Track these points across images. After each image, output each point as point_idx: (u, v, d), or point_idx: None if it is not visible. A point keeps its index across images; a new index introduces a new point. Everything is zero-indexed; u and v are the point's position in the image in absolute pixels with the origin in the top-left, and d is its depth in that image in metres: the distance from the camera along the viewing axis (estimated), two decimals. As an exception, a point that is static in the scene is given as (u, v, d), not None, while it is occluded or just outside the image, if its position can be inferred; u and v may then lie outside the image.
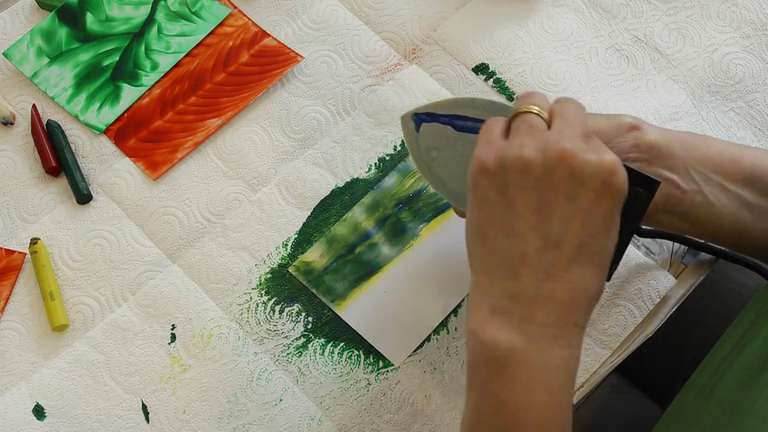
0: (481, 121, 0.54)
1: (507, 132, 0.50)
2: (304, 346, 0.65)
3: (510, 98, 0.75)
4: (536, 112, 0.49)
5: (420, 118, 0.58)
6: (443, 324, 0.66)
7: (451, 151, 0.57)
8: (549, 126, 0.49)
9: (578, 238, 0.47)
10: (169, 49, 0.77)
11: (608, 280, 0.54)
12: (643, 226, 0.67)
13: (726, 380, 0.48)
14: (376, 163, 0.72)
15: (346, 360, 0.65)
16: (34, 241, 0.68)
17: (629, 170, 0.52)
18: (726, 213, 0.56)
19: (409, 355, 0.65)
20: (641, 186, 0.52)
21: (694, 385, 0.52)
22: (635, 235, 0.68)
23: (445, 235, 0.69)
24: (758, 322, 0.50)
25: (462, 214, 0.59)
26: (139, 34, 0.77)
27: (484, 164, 0.48)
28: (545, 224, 0.47)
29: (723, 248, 0.66)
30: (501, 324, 0.47)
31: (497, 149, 0.48)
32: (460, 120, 0.54)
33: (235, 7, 0.79)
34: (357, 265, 0.68)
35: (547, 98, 0.51)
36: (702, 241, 0.67)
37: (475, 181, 0.49)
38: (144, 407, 0.64)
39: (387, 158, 0.72)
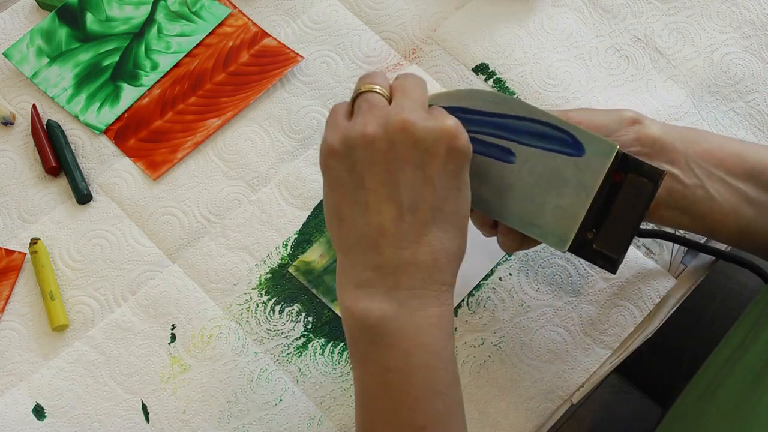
0: (483, 113, 0.54)
1: (351, 113, 0.51)
2: (304, 346, 0.65)
3: (510, 98, 0.75)
4: (377, 90, 0.51)
5: None
6: (443, 324, 0.66)
7: None
8: (390, 101, 0.51)
9: (430, 202, 0.49)
10: (169, 49, 0.77)
11: (614, 272, 0.54)
12: (642, 226, 0.67)
13: (728, 383, 0.48)
14: (376, 163, 0.72)
15: (346, 360, 0.65)
16: (34, 241, 0.68)
17: (634, 160, 0.52)
18: (728, 208, 0.56)
19: (409, 355, 0.65)
20: (646, 177, 0.52)
21: (696, 387, 0.52)
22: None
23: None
24: (759, 324, 0.50)
25: None
26: (139, 34, 0.77)
27: (331, 146, 0.50)
28: (396, 194, 0.48)
29: (722, 249, 0.66)
30: (369, 295, 0.49)
31: (342, 130, 0.50)
32: (461, 112, 0.54)
33: (235, 7, 0.79)
34: (357, 265, 0.68)
35: (387, 77, 0.53)
36: (703, 238, 0.67)
37: (325, 164, 0.50)
38: (144, 407, 0.64)
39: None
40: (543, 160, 0.53)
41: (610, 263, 0.54)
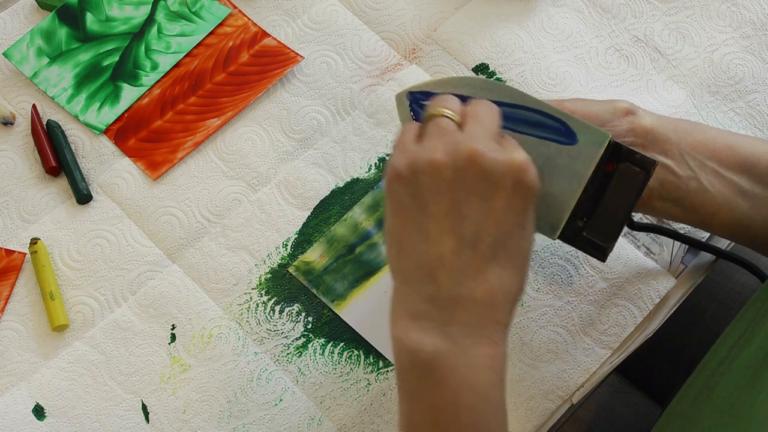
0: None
1: (420, 137, 0.50)
2: (304, 346, 0.65)
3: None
4: (448, 115, 0.49)
5: (415, 96, 0.57)
6: (443, 324, 0.66)
7: None
8: (461, 128, 0.49)
9: (493, 237, 0.47)
10: (169, 49, 0.77)
11: (603, 260, 0.54)
12: (636, 220, 0.67)
13: (725, 381, 0.48)
14: (376, 163, 0.72)
15: (346, 360, 0.65)
16: (34, 241, 0.68)
17: (627, 150, 0.52)
18: (721, 200, 0.56)
19: (409, 355, 0.65)
20: (638, 166, 0.52)
21: (693, 385, 0.52)
22: (631, 232, 0.69)
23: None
24: (756, 322, 0.50)
25: None
26: (139, 34, 0.77)
27: (397, 170, 0.48)
28: (459, 226, 0.47)
29: (721, 248, 0.66)
30: (423, 328, 0.47)
31: (409, 154, 0.48)
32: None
33: (235, 7, 0.79)
34: (357, 265, 0.68)
35: (459, 101, 0.51)
36: (704, 236, 0.67)
37: (390, 188, 0.49)
38: (144, 407, 0.64)
39: (387, 158, 0.72)
40: (535, 148, 0.53)
41: (600, 251, 0.54)
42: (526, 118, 0.53)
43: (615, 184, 0.53)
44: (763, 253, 0.60)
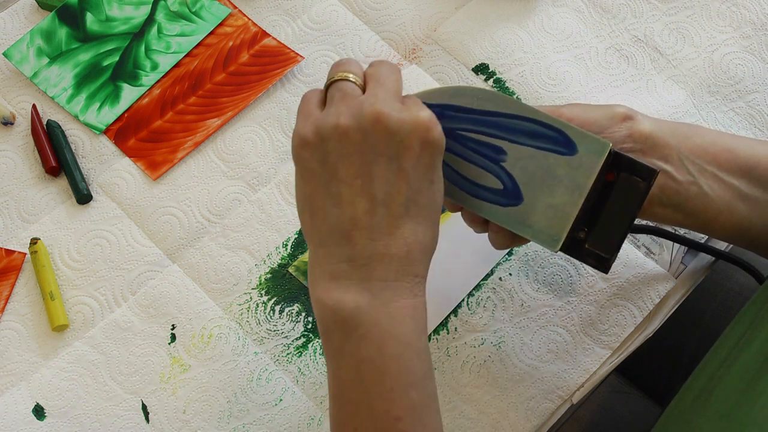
0: (475, 111, 0.53)
1: (324, 102, 0.51)
2: (304, 346, 0.65)
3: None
4: (351, 79, 0.50)
5: None
6: (443, 324, 0.66)
7: None
8: (364, 91, 0.50)
9: (404, 195, 0.48)
10: (169, 49, 0.77)
11: (606, 272, 0.54)
12: (639, 222, 0.67)
13: (723, 385, 0.48)
14: (376, 163, 0.72)
15: (346, 360, 0.65)
16: (34, 241, 0.68)
17: (627, 159, 0.52)
18: (721, 204, 0.56)
19: (409, 355, 0.65)
20: (639, 176, 0.52)
21: (691, 388, 0.52)
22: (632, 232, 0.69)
23: (445, 236, 0.68)
24: (755, 325, 0.50)
25: (452, 207, 0.59)
26: (139, 34, 0.77)
27: (304, 137, 0.49)
28: (370, 186, 0.48)
29: (720, 249, 0.66)
30: (343, 287, 0.49)
31: (314, 120, 0.49)
32: (452, 110, 0.54)
33: (235, 7, 0.79)
34: (357, 265, 0.68)
35: (361, 64, 0.52)
36: (703, 238, 0.67)
37: (297, 155, 0.50)
38: (144, 407, 0.64)
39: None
40: (535, 159, 0.52)
41: (603, 263, 0.53)
42: (525, 128, 0.52)
43: (616, 194, 0.52)
44: (764, 255, 0.60)
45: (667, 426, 0.52)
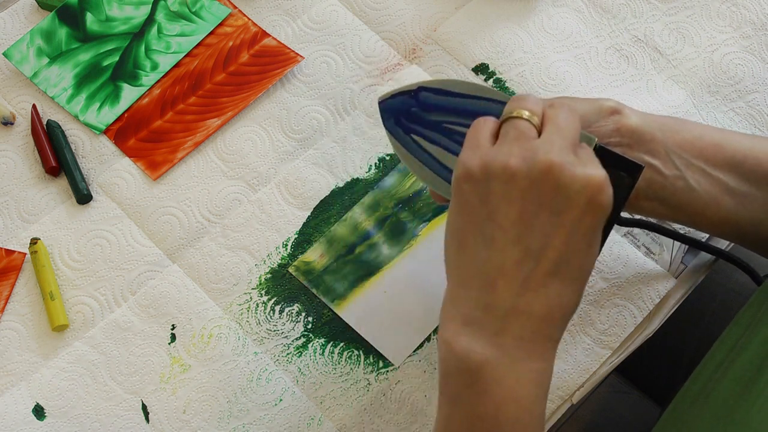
0: (465, 96, 0.53)
1: (496, 136, 0.49)
2: (304, 346, 0.65)
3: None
4: (526, 117, 0.48)
5: (396, 100, 0.57)
6: (443, 324, 0.66)
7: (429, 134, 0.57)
8: (540, 133, 0.48)
9: (558, 253, 0.46)
10: (169, 49, 0.77)
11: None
12: (623, 215, 0.67)
13: (720, 388, 0.48)
14: (376, 163, 0.72)
15: (346, 360, 0.65)
16: (34, 241, 0.68)
17: (612, 154, 0.52)
18: (708, 198, 0.56)
19: (409, 355, 0.65)
20: (624, 171, 0.52)
21: (689, 390, 0.52)
22: (632, 232, 0.69)
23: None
24: (752, 328, 0.50)
25: (438, 198, 0.59)
26: (139, 34, 0.77)
27: (469, 170, 0.47)
28: (526, 237, 0.46)
29: (721, 248, 0.66)
30: (474, 335, 0.47)
31: (483, 155, 0.47)
32: (444, 95, 0.53)
33: (235, 7, 0.79)
34: (357, 265, 0.68)
35: (541, 102, 0.50)
36: (704, 236, 0.67)
37: (458, 186, 0.48)
38: (144, 407, 0.64)
39: (387, 158, 0.72)
40: None
41: None
42: None
43: None
44: (751, 248, 0.60)
45: (664, 429, 0.52)
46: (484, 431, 0.46)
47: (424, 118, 0.55)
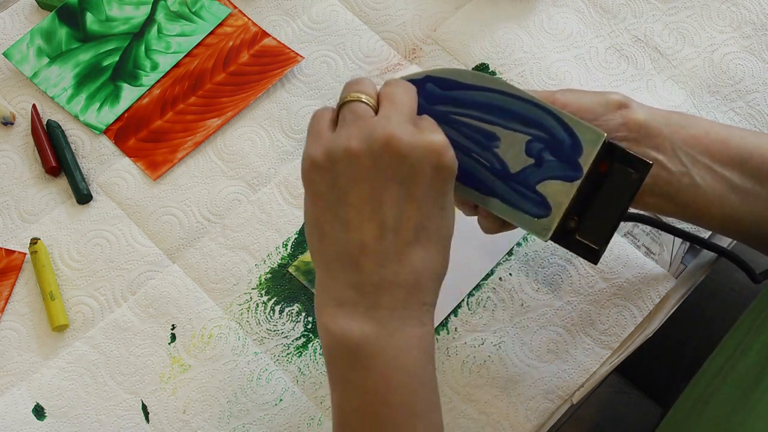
0: (470, 87, 0.53)
1: (335, 122, 0.50)
2: (304, 346, 0.65)
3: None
4: (364, 100, 0.49)
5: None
6: (443, 324, 0.66)
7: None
8: (376, 112, 0.49)
9: (414, 221, 0.47)
10: (169, 49, 0.77)
11: (595, 263, 0.53)
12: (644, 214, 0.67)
13: (720, 394, 0.48)
14: (376, 163, 0.72)
15: (346, 360, 0.65)
16: (34, 241, 0.68)
17: (621, 150, 0.51)
18: (713, 196, 0.56)
19: (409, 355, 0.65)
20: (632, 167, 0.51)
21: (689, 395, 0.52)
22: (632, 232, 0.69)
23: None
24: (752, 334, 0.50)
25: None
26: (139, 34, 0.77)
27: (313, 159, 0.48)
28: (380, 212, 0.47)
29: (723, 246, 0.66)
30: (349, 315, 0.48)
31: (325, 142, 0.48)
32: (448, 88, 0.53)
33: (235, 7, 0.79)
34: (357, 265, 0.68)
35: (374, 84, 0.51)
36: (706, 234, 0.67)
37: (307, 176, 0.49)
38: (144, 407, 0.64)
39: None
40: (528, 146, 0.52)
41: (593, 254, 0.53)
42: (520, 111, 0.52)
43: (608, 186, 0.52)
44: (755, 247, 0.60)
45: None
46: (375, 404, 0.47)
47: (429, 108, 0.54)
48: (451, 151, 0.48)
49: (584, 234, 0.53)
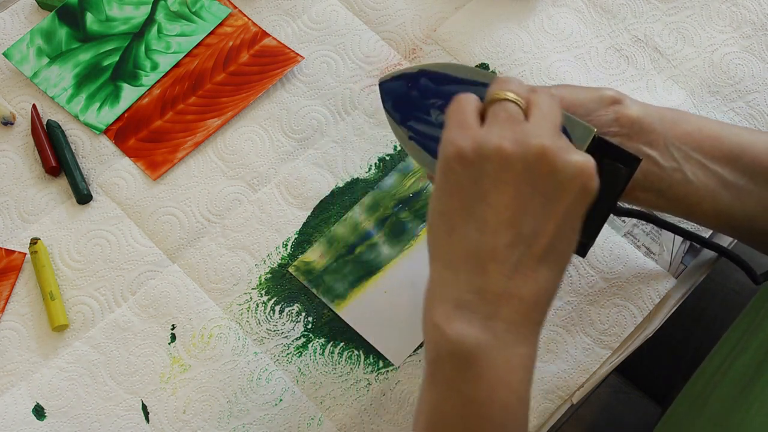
0: (464, 81, 0.53)
1: (481, 116, 0.48)
2: (304, 346, 0.65)
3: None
4: (513, 99, 0.47)
5: (393, 84, 0.57)
6: (443, 324, 0.66)
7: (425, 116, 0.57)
8: (527, 116, 0.47)
9: (549, 238, 0.46)
10: (169, 49, 0.77)
11: (583, 256, 0.54)
12: (620, 204, 0.67)
13: (718, 391, 0.48)
14: (376, 163, 0.72)
15: (346, 360, 0.65)
16: (34, 241, 0.68)
17: (610, 145, 0.52)
18: (704, 192, 0.56)
19: (409, 355, 0.65)
20: (621, 162, 0.52)
21: (687, 394, 0.52)
22: (632, 232, 0.69)
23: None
24: (750, 332, 0.50)
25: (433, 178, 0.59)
26: (139, 34, 0.77)
27: (461, 151, 0.46)
28: (519, 221, 0.45)
29: (724, 246, 0.66)
30: (467, 319, 0.46)
31: (475, 136, 0.46)
32: (444, 82, 0.53)
33: (235, 7, 0.79)
34: (357, 265, 0.68)
35: (525, 85, 0.49)
36: (707, 233, 0.67)
37: (449, 167, 0.47)
38: (144, 407, 0.64)
39: (387, 158, 0.72)
40: None
41: (581, 247, 0.53)
42: None
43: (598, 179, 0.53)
44: (746, 243, 0.61)
45: (665, 430, 0.52)
46: (475, 414, 0.46)
47: (423, 102, 0.54)
48: (597, 176, 0.46)
49: None
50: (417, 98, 0.54)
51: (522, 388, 0.47)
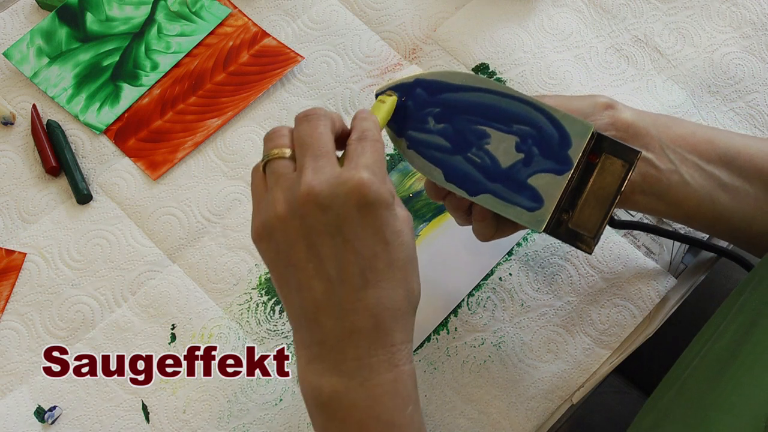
0: (461, 88, 0.53)
1: (266, 184, 0.49)
2: (304, 346, 0.65)
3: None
4: (279, 155, 0.48)
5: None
6: (443, 324, 0.66)
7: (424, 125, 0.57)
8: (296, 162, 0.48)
9: (356, 266, 0.47)
10: (169, 49, 0.77)
11: (590, 252, 0.54)
12: (623, 217, 0.67)
13: (696, 374, 0.48)
14: (376, 163, 0.72)
15: (346, 360, 0.65)
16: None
17: (610, 141, 0.53)
18: (703, 193, 0.56)
19: (409, 355, 0.65)
20: (621, 157, 0.52)
21: (669, 378, 0.53)
22: (632, 232, 0.69)
23: (445, 235, 0.69)
24: (731, 316, 0.50)
25: (437, 194, 0.59)
26: (139, 34, 0.77)
27: (256, 230, 0.48)
28: (321, 267, 0.47)
29: (723, 246, 0.66)
30: (318, 371, 0.48)
31: (259, 213, 0.48)
32: (440, 91, 0.54)
33: (235, 7, 0.79)
34: (357, 265, 0.68)
35: (287, 130, 0.50)
36: (704, 236, 0.67)
37: (257, 248, 0.49)
38: (144, 407, 0.64)
39: (387, 158, 0.72)
40: (518, 139, 0.53)
41: (586, 243, 0.54)
42: (510, 109, 0.53)
43: (598, 175, 0.53)
44: (744, 248, 0.61)
45: (646, 413, 0.52)
46: None
47: (419, 111, 0.55)
48: (375, 182, 0.46)
49: (577, 224, 0.54)
50: (413, 109, 0.55)
51: (394, 413, 0.48)
